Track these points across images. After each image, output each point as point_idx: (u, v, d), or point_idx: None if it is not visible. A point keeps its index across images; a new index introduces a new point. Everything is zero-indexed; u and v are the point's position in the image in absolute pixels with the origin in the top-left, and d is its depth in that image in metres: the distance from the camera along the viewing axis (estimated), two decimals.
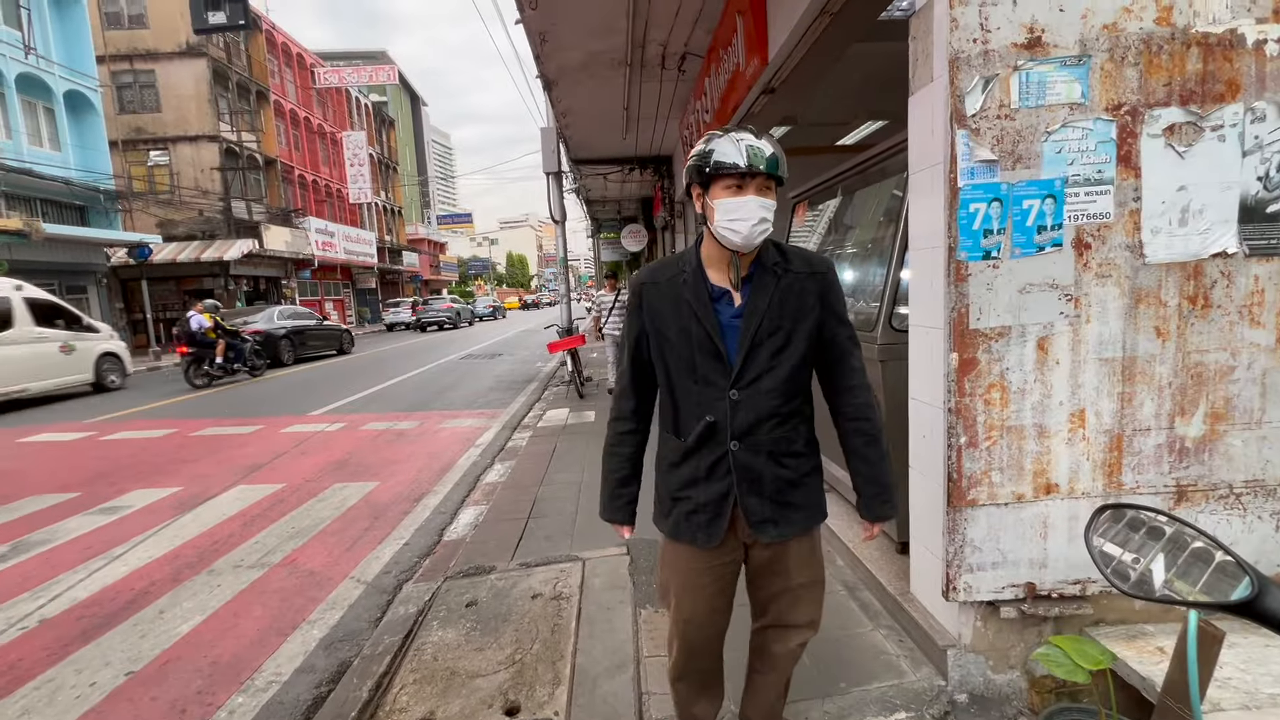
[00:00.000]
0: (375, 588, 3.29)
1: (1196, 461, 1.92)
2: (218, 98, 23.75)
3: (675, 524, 1.54)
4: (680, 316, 1.45)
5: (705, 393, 1.44)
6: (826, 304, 1.45)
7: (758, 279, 1.42)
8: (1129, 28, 1.79)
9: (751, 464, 1.45)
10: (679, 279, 1.46)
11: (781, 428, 1.45)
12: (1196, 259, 1.85)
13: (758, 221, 1.34)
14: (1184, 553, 1.09)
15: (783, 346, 1.42)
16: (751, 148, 1.32)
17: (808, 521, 1.53)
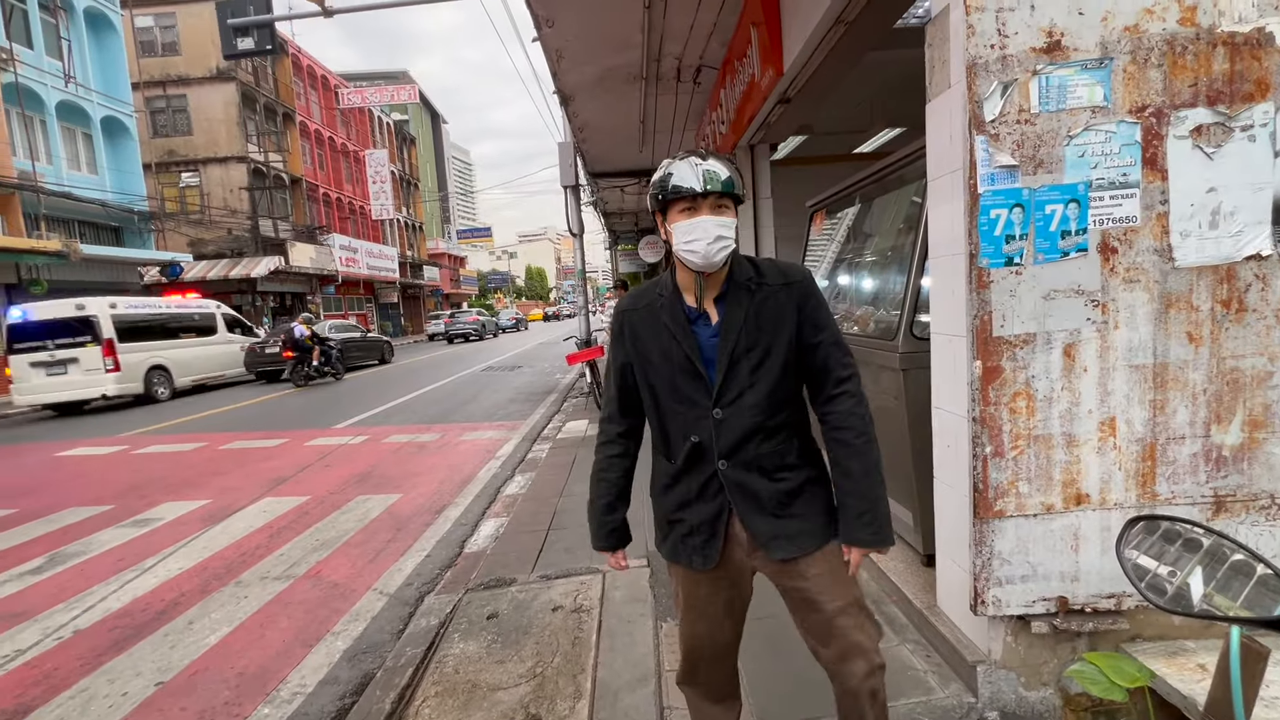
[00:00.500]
0: (398, 599, 3.31)
1: (1235, 471, 1.86)
2: (246, 120, 24.49)
3: (673, 547, 1.53)
4: (660, 340, 1.45)
5: (689, 413, 1.44)
6: (803, 313, 1.42)
7: (731, 296, 1.42)
8: (1151, 29, 1.76)
9: (744, 481, 1.43)
10: (657, 304, 1.47)
11: (769, 442, 1.42)
12: (1229, 262, 1.80)
13: (713, 240, 1.34)
14: (1223, 566, 1.05)
15: (761, 361, 1.40)
16: (706, 171, 1.34)
17: (825, 532, 1.45)
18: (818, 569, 1.45)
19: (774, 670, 2.24)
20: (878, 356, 2.80)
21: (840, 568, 1.47)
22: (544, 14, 4.99)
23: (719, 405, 1.41)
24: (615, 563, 1.64)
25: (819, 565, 1.45)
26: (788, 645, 2.36)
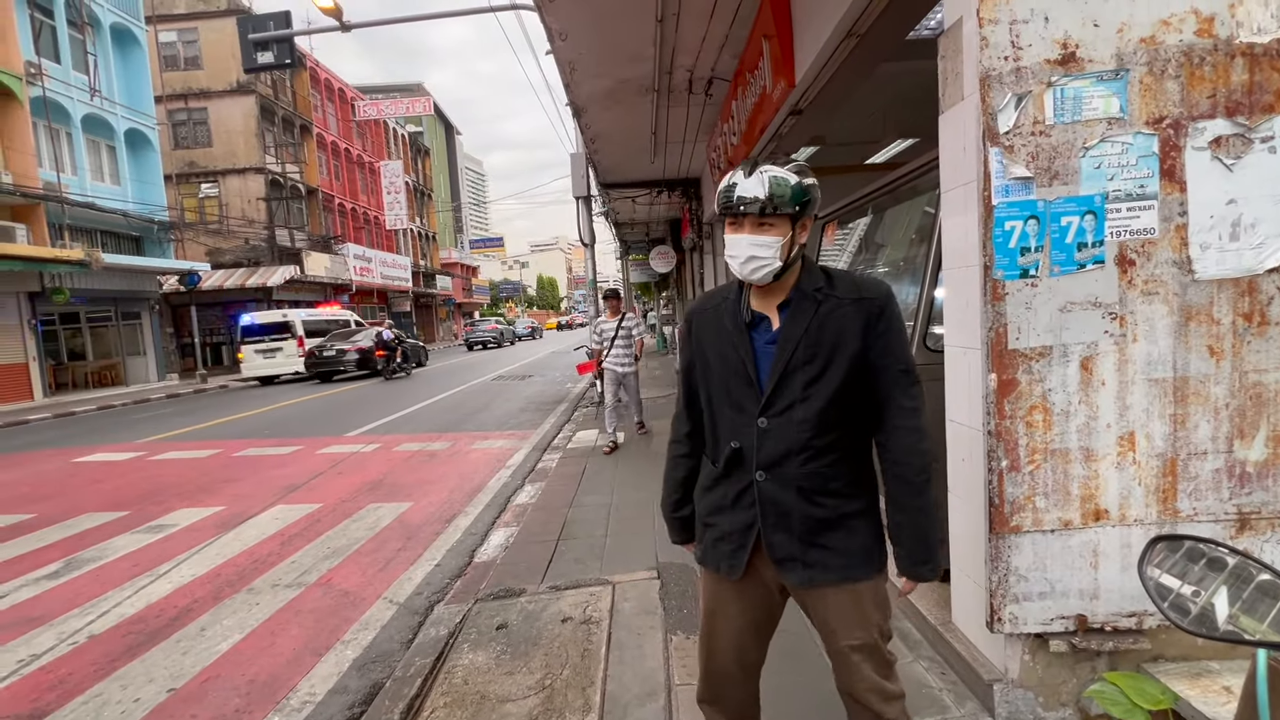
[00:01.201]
0: (407, 609, 3.31)
1: (1260, 487, 1.82)
2: (264, 132, 24.95)
3: (704, 549, 1.53)
4: (720, 342, 1.45)
5: (737, 419, 1.42)
6: (872, 333, 1.34)
7: (795, 305, 1.38)
8: (1168, 40, 1.75)
9: (778, 498, 1.38)
10: (722, 306, 1.47)
11: (815, 462, 1.36)
12: (1251, 274, 1.78)
13: (745, 260, 1.33)
14: (1249, 586, 1.03)
15: (818, 376, 1.34)
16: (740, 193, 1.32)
17: (847, 570, 1.38)
18: (838, 602, 1.41)
19: (793, 686, 2.21)
20: None
21: (865, 607, 1.40)
22: (557, 28, 5.05)
23: (765, 414, 1.38)
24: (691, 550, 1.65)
25: (841, 598, 1.41)
26: (807, 661, 2.33)
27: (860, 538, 1.39)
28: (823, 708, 2.02)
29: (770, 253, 1.33)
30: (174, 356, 21.44)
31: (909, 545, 1.39)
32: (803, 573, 1.39)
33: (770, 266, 1.34)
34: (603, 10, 4.76)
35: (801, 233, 1.36)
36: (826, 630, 1.44)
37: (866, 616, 1.40)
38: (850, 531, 1.39)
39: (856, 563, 1.39)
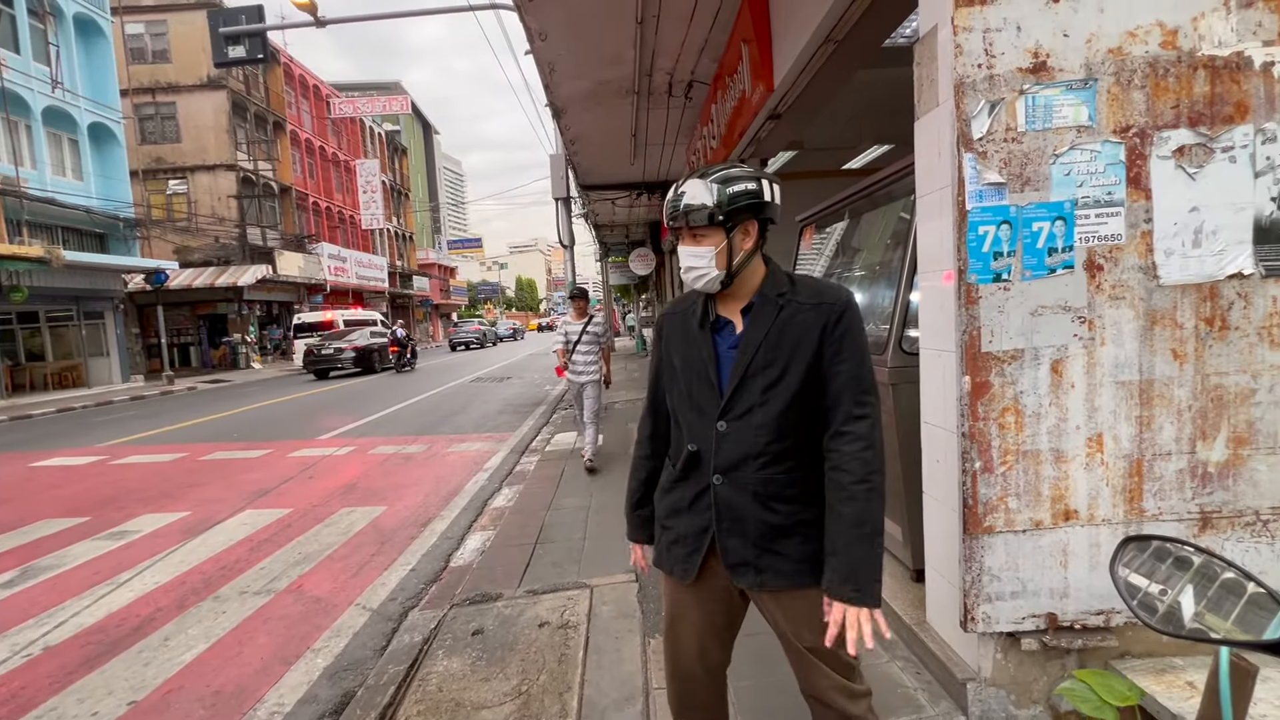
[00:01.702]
0: (381, 615, 3.25)
1: (1220, 487, 1.87)
2: (236, 128, 24.40)
3: (659, 552, 1.54)
4: (685, 345, 1.46)
5: (697, 422, 1.42)
6: (828, 337, 1.33)
7: (757, 309, 1.39)
8: (1134, 51, 1.79)
9: (734, 502, 1.38)
10: (690, 310, 1.48)
11: (772, 467, 1.36)
12: (1212, 280, 1.83)
13: (685, 269, 1.37)
14: (1214, 584, 1.05)
15: (776, 380, 1.34)
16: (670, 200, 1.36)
17: (797, 576, 1.36)
18: (791, 605, 1.40)
19: (765, 687, 2.21)
20: None
21: (818, 612, 1.37)
22: (537, 28, 5.02)
23: (724, 418, 1.38)
24: (637, 556, 1.63)
25: (794, 602, 1.40)
26: (778, 662, 2.32)
27: (814, 545, 1.36)
28: (794, 710, 2.03)
29: (705, 262, 1.34)
30: (139, 357, 20.80)
31: (835, 558, 1.30)
32: (754, 577, 1.39)
33: (709, 275, 1.35)
34: (583, 11, 4.75)
35: (744, 239, 1.35)
36: (780, 632, 1.44)
37: (820, 620, 1.36)
38: (804, 539, 1.37)
39: (807, 569, 1.36)
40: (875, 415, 1.34)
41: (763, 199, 1.35)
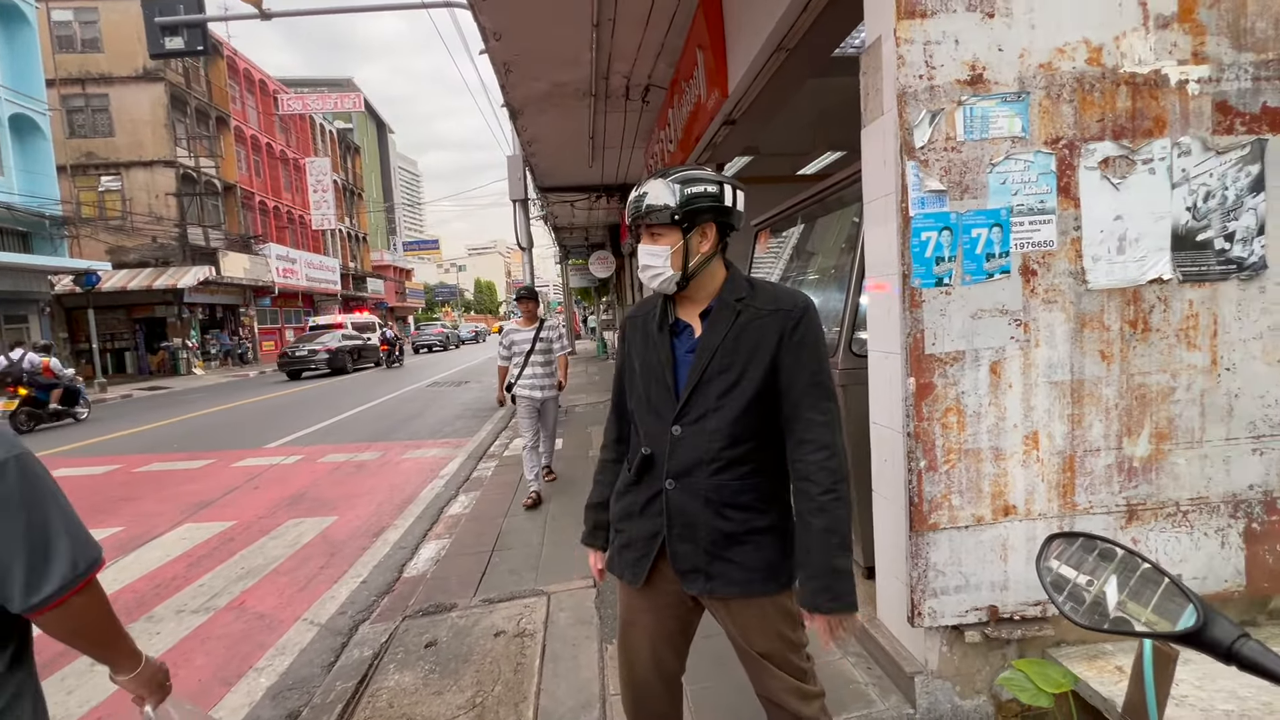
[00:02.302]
0: (329, 630, 3.13)
1: (1144, 481, 1.97)
2: (175, 122, 23.26)
3: (611, 555, 1.53)
4: (645, 348, 1.46)
5: (654, 425, 1.42)
6: (786, 343, 1.32)
7: (715, 314, 1.38)
8: (1063, 67, 1.88)
9: (686, 507, 1.37)
10: (651, 313, 1.48)
11: (725, 473, 1.35)
12: (1135, 285, 1.93)
13: (643, 268, 1.38)
14: (1135, 574, 1.11)
15: (732, 385, 1.33)
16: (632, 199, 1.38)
17: (748, 584, 1.36)
18: (742, 612, 1.40)
19: (721, 689, 2.22)
20: None
21: (769, 619, 1.38)
22: (491, 27, 4.95)
23: (679, 422, 1.37)
24: (593, 562, 1.62)
25: (745, 609, 1.40)
26: (735, 663, 2.34)
27: (765, 554, 1.36)
28: (752, 712, 2.04)
29: (660, 261, 1.35)
30: (68, 363, 19.57)
31: (809, 570, 1.31)
32: (705, 584, 1.38)
33: (664, 274, 1.36)
34: (537, 12, 4.71)
35: (701, 241, 1.35)
36: (732, 637, 1.45)
37: (771, 627, 1.37)
38: (756, 547, 1.36)
39: (758, 579, 1.36)
40: (836, 421, 1.35)
41: (723, 202, 1.35)
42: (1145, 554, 0.87)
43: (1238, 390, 1.96)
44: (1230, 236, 1.93)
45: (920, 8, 1.85)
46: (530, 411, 4.76)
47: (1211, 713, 1.67)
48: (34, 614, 1.00)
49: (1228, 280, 1.94)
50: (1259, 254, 1.94)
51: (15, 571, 0.96)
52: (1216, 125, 1.91)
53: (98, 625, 1.10)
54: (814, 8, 3.12)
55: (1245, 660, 0.57)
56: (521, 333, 4.75)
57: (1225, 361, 1.96)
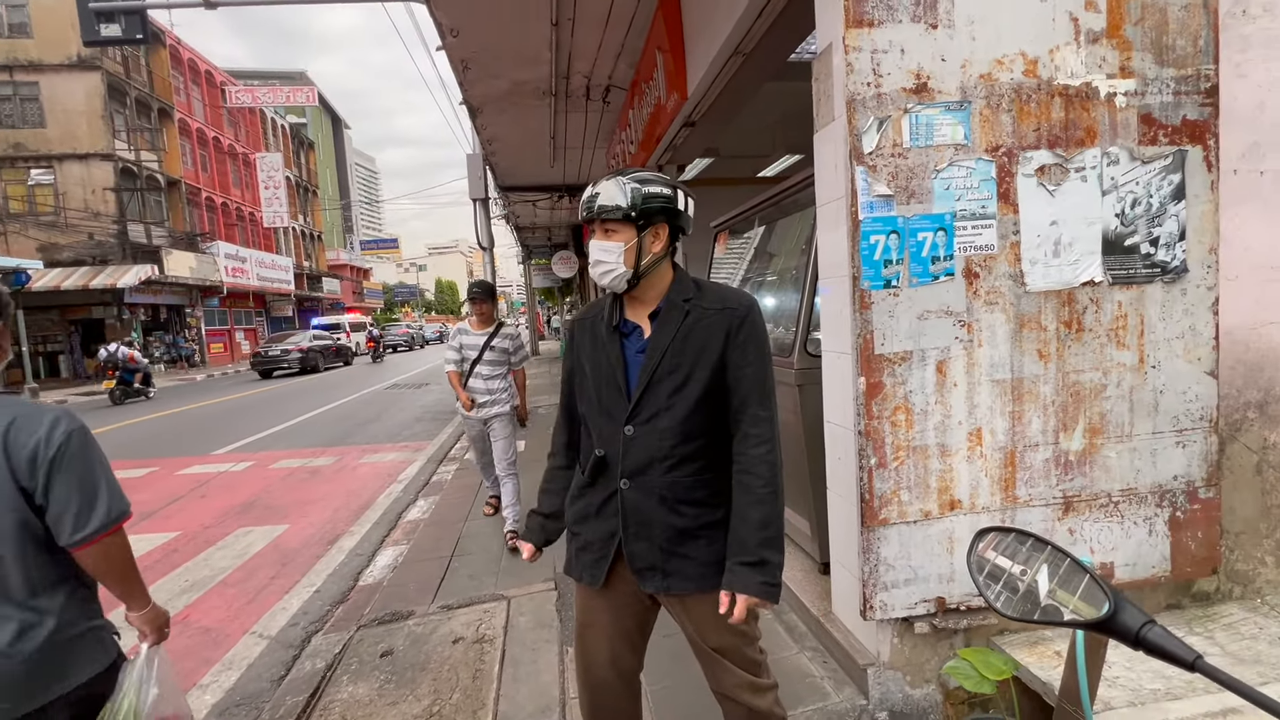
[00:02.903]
0: (280, 642, 3.03)
1: (1079, 474, 2.07)
2: (113, 114, 22.12)
3: (569, 558, 1.54)
4: (595, 350, 1.47)
5: (606, 427, 1.43)
6: (732, 342, 1.36)
7: (664, 314, 1.41)
8: (1002, 78, 1.96)
9: (641, 506, 1.39)
10: (600, 314, 1.49)
11: (678, 470, 1.38)
12: (1069, 287, 2.03)
13: (594, 263, 1.39)
14: (1063, 564, 1.16)
15: (681, 385, 1.36)
16: (588, 195, 1.39)
17: (703, 579, 1.38)
18: (698, 608, 1.42)
19: (680, 686, 2.24)
20: (776, 373, 2.91)
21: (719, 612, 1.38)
22: (448, 23, 4.87)
23: (631, 422, 1.39)
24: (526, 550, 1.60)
25: (700, 605, 1.42)
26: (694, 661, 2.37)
27: (719, 548, 1.39)
28: (712, 709, 2.06)
29: (613, 257, 1.36)
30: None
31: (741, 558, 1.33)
32: (662, 581, 1.40)
33: (616, 271, 1.37)
34: (495, 9, 4.66)
35: (654, 241, 1.38)
36: (688, 634, 1.48)
37: (725, 622, 1.37)
38: (710, 541, 1.40)
39: (713, 573, 1.38)
40: (776, 418, 1.40)
41: (675, 205, 1.39)
42: (1067, 548, 0.92)
43: (1162, 386, 2.08)
44: (1155, 242, 2.05)
45: (868, 17, 1.90)
46: (477, 433, 4.04)
47: (1140, 691, 1.77)
48: (76, 549, 1.28)
49: (1153, 283, 2.06)
50: (1181, 258, 2.06)
51: (67, 514, 1.27)
52: (1142, 136, 2.02)
53: (122, 564, 1.38)
54: (769, 14, 3.17)
55: (1150, 645, 0.61)
56: (472, 336, 3.94)
57: (1151, 360, 2.07)
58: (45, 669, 1.29)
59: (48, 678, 1.29)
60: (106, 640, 1.40)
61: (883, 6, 1.90)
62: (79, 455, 1.29)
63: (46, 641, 1.28)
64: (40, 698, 1.28)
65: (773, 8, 3.10)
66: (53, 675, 1.30)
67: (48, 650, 1.29)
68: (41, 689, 1.29)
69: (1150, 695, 1.75)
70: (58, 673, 1.31)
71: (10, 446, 1.25)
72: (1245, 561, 2.25)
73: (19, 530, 1.26)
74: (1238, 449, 2.21)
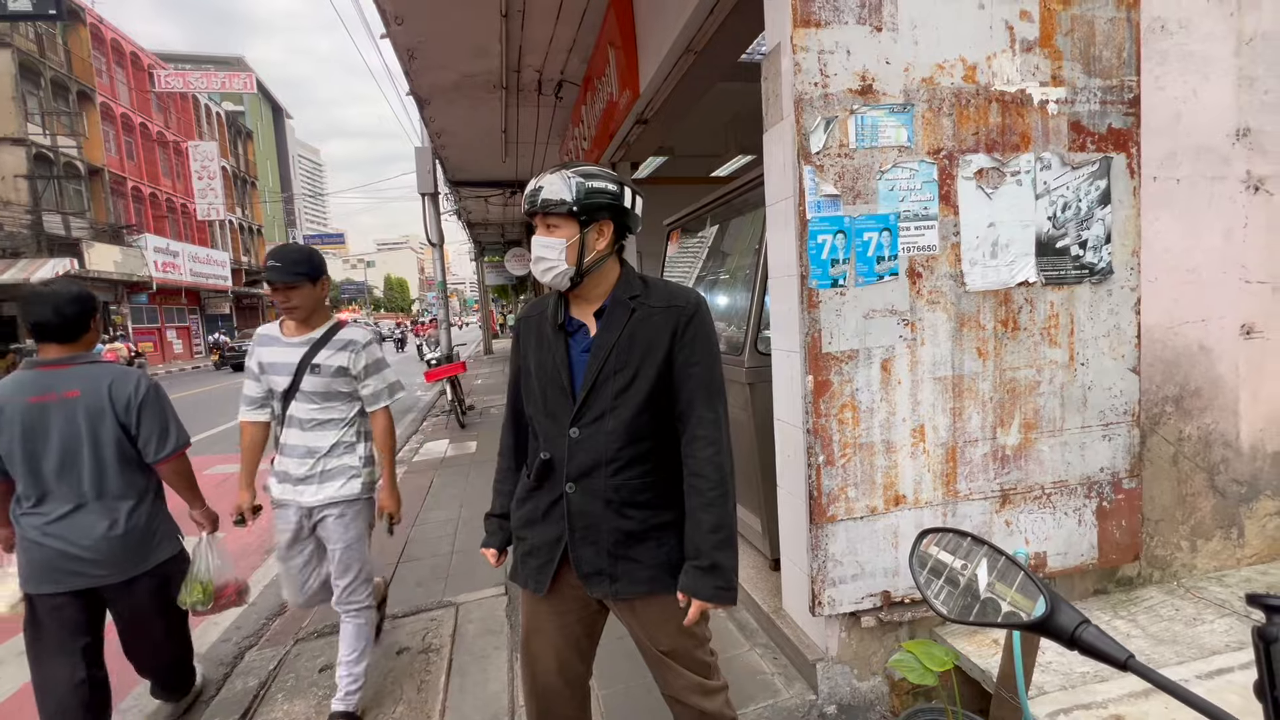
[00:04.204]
0: (210, 659, 2.85)
1: (1015, 467, 2.15)
2: (25, 95, 20.53)
3: (514, 564, 1.50)
4: (540, 349, 1.42)
5: (550, 428, 1.39)
6: (679, 340, 1.33)
7: (610, 313, 1.37)
8: (943, 82, 2.01)
9: (587, 510, 1.35)
10: (545, 313, 1.44)
11: (625, 473, 1.34)
12: (1006, 287, 2.10)
13: (536, 259, 1.35)
14: (1000, 561, 1.19)
15: (628, 384, 1.33)
16: (530, 188, 1.35)
17: (653, 583, 1.36)
18: (646, 611, 1.41)
19: (633, 689, 2.21)
20: (727, 371, 2.91)
21: (674, 616, 1.38)
22: (392, 10, 4.70)
23: (577, 424, 1.35)
24: (490, 557, 1.56)
25: (649, 608, 1.40)
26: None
27: (667, 550, 1.37)
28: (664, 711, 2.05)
29: (555, 254, 1.32)
30: None
31: (697, 561, 1.31)
32: (609, 586, 1.37)
33: (558, 268, 1.33)
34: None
35: (598, 239, 1.35)
36: (636, 638, 1.45)
37: (675, 624, 1.37)
38: (659, 544, 1.37)
39: (662, 575, 1.37)
40: (725, 419, 1.37)
41: (621, 202, 1.34)
42: (1004, 546, 0.93)
43: (1090, 383, 2.18)
44: (1084, 244, 2.14)
45: (815, 18, 1.91)
46: (291, 523, 2.22)
47: (1071, 675, 1.84)
48: (158, 465, 2.05)
49: (1082, 284, 2.15)
50: (1107, 260, 2.16)
51: (151, 440, 2.00)
52: (1072, 143, 2.10)
53: (186, 476, 2.14)
54: (720, 12, 3.18)
55: (1085, 645, 0.61)
56: (278, 348, 2.17)
57: (1080, 357, 2.16)
58: (136, 549, 2.01)
59: (137, 556, 2.01)
60: (174, 536, 2.16)
61: (829, 8, 1.92)
62: (155, 401, 2.02)
63: (135, 529, 2.00)
64: (132, 570, 2.00)
65: (723, 6, 3.11)
66: (140, 555, 2.02)
67: (136, 535, 2.00)
68: (133, 564, 2.00)
69: (1080, 678, 1.83)
70: (144, 553, 2.03)
71: (114, 395, 1.95)
72: (1164, 547, 2.38)
73: (119, 450, 1.97)
74: (1157, 441, 2.34)
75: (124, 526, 1.96)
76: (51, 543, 1.89)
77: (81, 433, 1.91)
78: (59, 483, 1.91)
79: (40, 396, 1.89)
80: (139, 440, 1.98)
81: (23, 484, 1.91)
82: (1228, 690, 1.77)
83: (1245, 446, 2.42)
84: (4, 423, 1.87)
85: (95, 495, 1.93)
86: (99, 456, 1.93)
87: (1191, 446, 2.38)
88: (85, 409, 1.91)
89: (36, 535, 1.90)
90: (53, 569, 1.90)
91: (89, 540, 1.91)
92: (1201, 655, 1.91)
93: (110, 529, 1.93)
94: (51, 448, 1.89)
